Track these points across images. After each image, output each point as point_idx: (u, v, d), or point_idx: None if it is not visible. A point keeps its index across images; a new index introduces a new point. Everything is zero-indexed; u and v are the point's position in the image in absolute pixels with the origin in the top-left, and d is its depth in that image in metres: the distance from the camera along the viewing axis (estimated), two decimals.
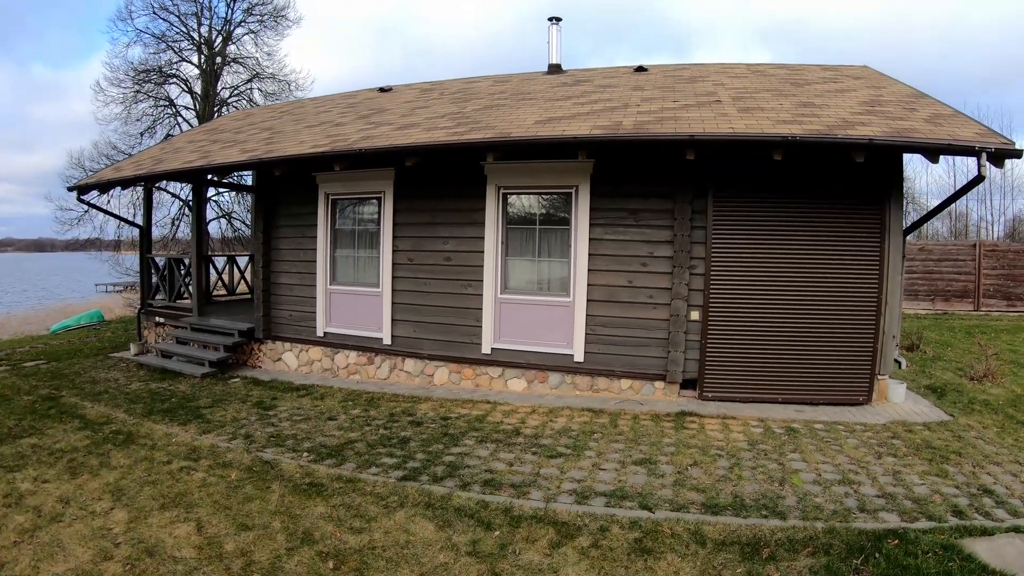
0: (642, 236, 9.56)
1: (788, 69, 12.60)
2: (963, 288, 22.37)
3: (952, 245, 23.79)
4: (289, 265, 12.42)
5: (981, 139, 7.67)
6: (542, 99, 11.30)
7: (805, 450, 7.25)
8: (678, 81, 11.65)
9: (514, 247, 10.41)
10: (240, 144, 13.05)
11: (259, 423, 8.62)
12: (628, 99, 10.42)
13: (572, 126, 9.14)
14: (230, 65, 31.30)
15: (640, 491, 6.12)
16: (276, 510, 5.82)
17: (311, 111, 15.00)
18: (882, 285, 9.09)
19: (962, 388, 10.34)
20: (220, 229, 31.40)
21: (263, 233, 12.64)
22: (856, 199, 9.11)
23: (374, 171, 10.97)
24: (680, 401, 9.36)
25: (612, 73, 13.29)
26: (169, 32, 30.01)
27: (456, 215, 10.56)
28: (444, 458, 7.10)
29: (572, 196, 9.89)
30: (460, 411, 9.06)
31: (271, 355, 12.59)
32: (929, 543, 4.97)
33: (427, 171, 10.47)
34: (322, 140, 11.17)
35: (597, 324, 9.79)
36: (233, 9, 30.79)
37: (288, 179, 11.76)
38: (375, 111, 12.87)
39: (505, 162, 9.89)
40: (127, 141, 29.20)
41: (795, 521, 5.45)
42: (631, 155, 9.49)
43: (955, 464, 6.83)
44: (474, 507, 5.81)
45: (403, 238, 11.01)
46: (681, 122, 8.84)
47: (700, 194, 9.30)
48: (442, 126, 10.40)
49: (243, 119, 17.37)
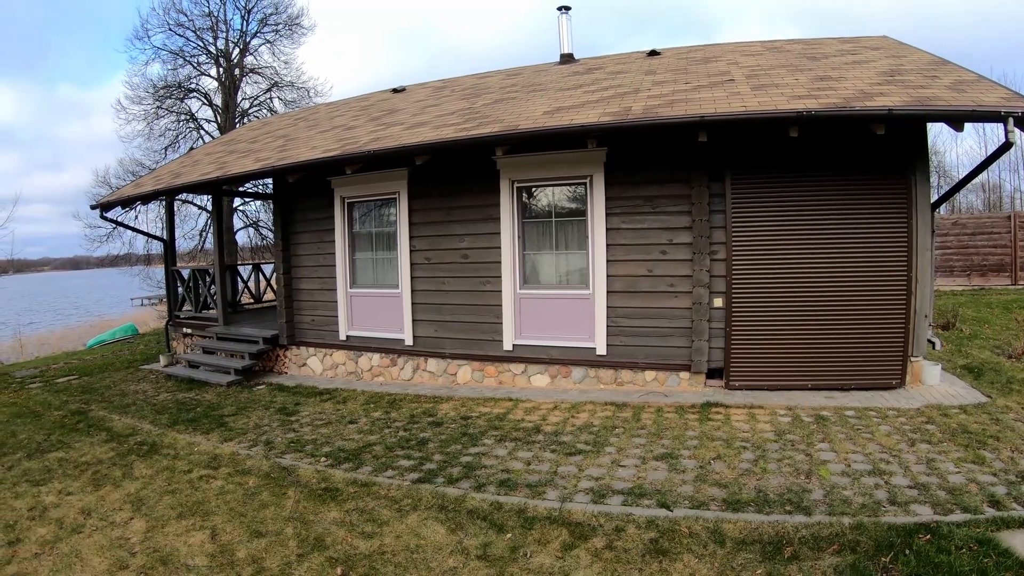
0: (660, 223, 9.35)
1: (804, 44, 12.27)
2: (999, 262, 21.76)
3: (986, 218, 23.17)
4: (309, 270, 12.44)
5: (1007, 103, 7.30)
6: (553, 90, 11.13)
7: (834, 439, 6.98)
8: (691, 63, 11.38)
9: (531, 241, 10.28)
10: (255, 153, 13.09)
11: (280, 429, 8.63)
12: (639, 84, 10.21)
13: (581, 115, 8.95)
14: (248, 76, 31.58)
15: (659, 488, 5.93)
16: (290, 516, 5.80)
17: (325, 116, 15.02)
18: (911, 262, 8.75)
19: (1000, 367, 9.96)
20: (248, 238, 31.71)
21: (282, 240, 12.69)
22: (880, 174, 8.77)
23: (387, 172, 10.91)
24: (706, 391, 9.14)
25: (624, 59, 13.07)
26: (186, 48, 30.34)
27: (471, 212, 10.46)
28: (461, 459, 7.01)
29: (587, 186, 9.72)
30: (481, 410, 8.95)
31: (296, 361, 12.61)
32: (963, 538, 4.70)
33: (440, 169, 10.41)
34: (333, 144, 11.14)
35: (618, 316, 9.61)
36: (248, 21, 31.01)
37: (303, 185, 11.79)
38: (387, 112, 12.81)
39: (517, 155, 9.72)
40: (151, 157, 29.64)
41: (821, 517, 5.19)
42: (644, 141, 9.27)
43: (992, 449, 6.51)
44: (487, 509, 5.70)
45: (420, 238, 10.94)
46: (692, 104, 8.60)
47: (717, 177, 9.06)
48: (451, 123, 10.28)
49: (260, 128, 17.47)
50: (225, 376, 11.82)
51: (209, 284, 14.71)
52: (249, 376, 12.11)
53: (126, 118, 29.71)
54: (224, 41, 30.95)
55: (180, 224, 28.61)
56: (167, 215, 16.42)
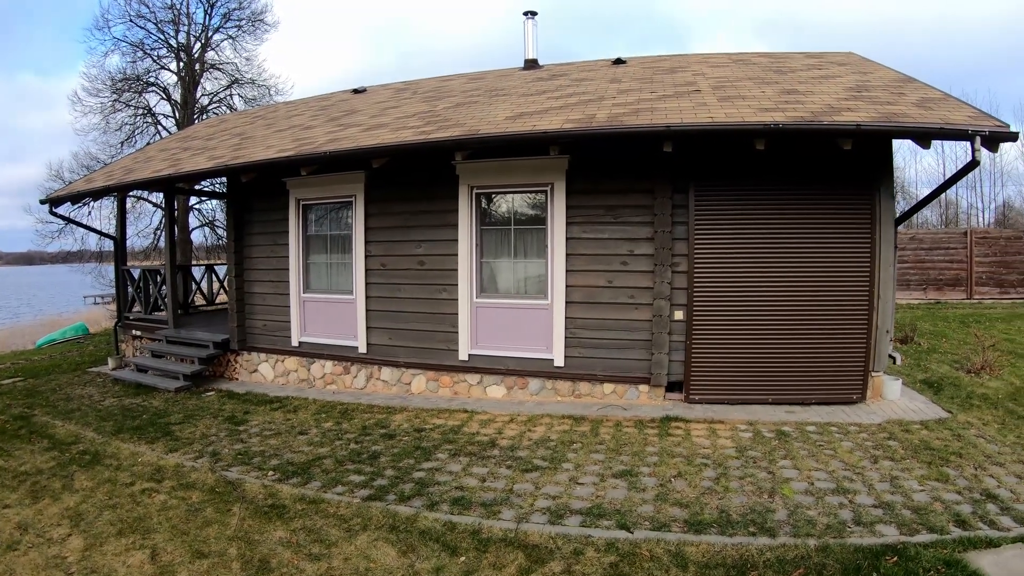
0: (622, 234, 9.19)
1: (771, 57, 12.28)
2: (955, 276, 22.18)
3: (943, 233, 23.62)
4: (262, 273, 12.06)
5: (974, 122, 7.37)
6: (516, 95, 10.94)
7: (797, 456, 6.88)
8: (657, 72, 11.29)
9: (489, 249, 10.06)
10: (210, 151, 12.71)
11: (228, 439, 8.28)
12: (604, 92, 10.07)
13: (544, 121, 8.77)
14: (209, 71, 30.89)
15: (619, 508, 5.73)
16: (234, 535, 5.48)
17: (283, 115, 14.67)
18: (874, 278, 8.77)
19: (959, 382, 10.02)
20: (204, 237, 31.06)
21: (235, 241, 12.28)
22: (845, 189, 8.77)
23: (344, 174, 10.61)
24: (665, 405, 8.99)
25: (589, 67, 12.94)
26: (147, 40, 29.52)
27: (429, 217, 10.19)
28: (414, 474, 6.73)
29: (548, 194, 9.52)
30: (436, 421, 8.69)
31: (247, 367, 12.21)
32: (930, 559, 4.60)
33: (398, 172, 10.13)
34: (289, 145, 10.83)
35: (577, 327, 9.42)
36: (211, 15, 30.31)
37: (258, 185, 11.41)
38: (346, 113, 12.51)
39: (477, 161, 9.51)
40: (107, 151, 28.74)
41: (785, 539, 5.05)
42: (607, 149, 9.11)
43: (956, 466, 6.47)
44: (440, 529, 5.44)
45: (376, 243, 10.64)
46: (658, 113, 8.49)
47: (681, 188, 8.93)
48: (411, 125, 10.03)
49: (217, 125, 17.05)
50: (174, 381, 11.39)
51: (160, 285, 14.25)
52: (199, 382, 11.69)
53: (82, 110, 28.91)
54: (185, 35, 30.24)
55: (134, 222, 27.94)
56: (118, 212, 15.90)
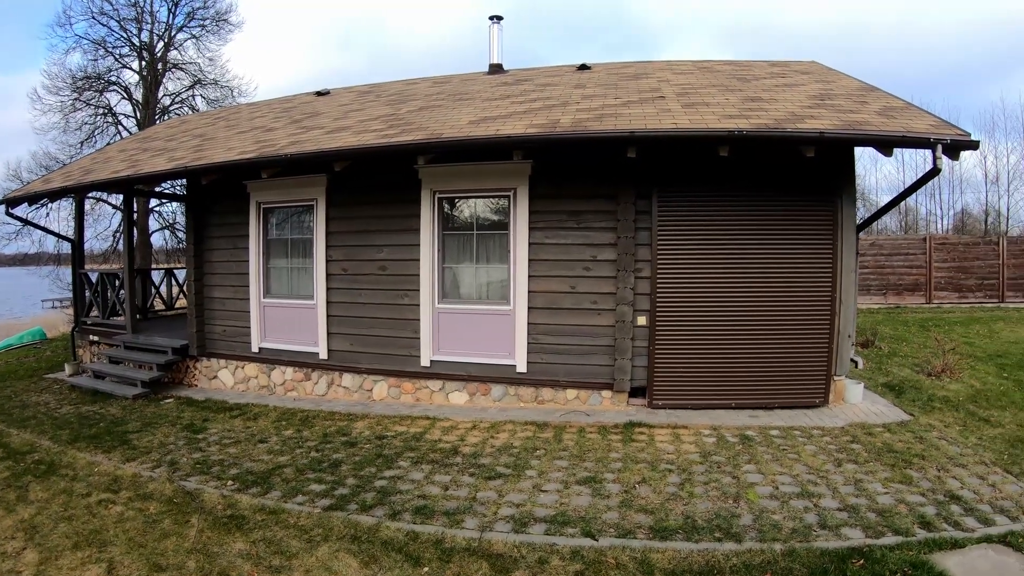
0: (584, 239, 9.18)
1: (735, 65, 12.38)
2: (915, 282, 22.57)
3: (903, 239, 24.03)
4: (222, 278, 11.81)
5: (936, 131, 7.50)
6: (480, 99, 10.87)
7: (761, 460, 6.92)
8: (621, 78, 11.30)
9: (451, 254, 9.96)
10: (170, 152, 12.45)
11: (186, 448, 8.06)
12: (569, 97, 10.05)
13: (507, 125, 8.72)
14: (171, 71, 30.36)
15: (584, 515, 5.69)
16: (193, 548, 5.34)
17: (245, 117, 14.43)
18: (836, 283, 8.89)
19: (920, 385, 10.18)
20: (164, 240, 30.57)
21: (195, 245, 12.00)
22: (808, 196, 8.89)
23: (305, 178, 10.45)
24: (629, 410, 8.97)
25: (554, 72, 12.92)
26: (109, 38, 28.97)
27: (391, 222, 10.07)
28: (376, 483, 6.63)
29: (511, 199, 9.47)
30: (397, 428, 8.57)
31: (207, 373, 11.96)
32: (897, 561, 4.65)
33: (360, 176, 9.99)
34: (251, 146, 10.62)
35: (539, 332, 9.38)
36: (175, 13, 29.84)
37: (218, 188, 11.17)
38: (309, 115, 12.33)
39: (439, 165, 9.41)
40: (66, 151, 28.08)
41: (751, 544, 5.07)
42: (571, 155, 9.10)
43: (919, 469, 6.58)
44: (403, 539, 5.34)
45: (337, 247, 10.49)
46: (622, 119, 8.48)
47: (644, 194, 8.95)
48: (374, 129, 9.91)
49: (178, 126, 16.73)
50: (132, 388, 11.09)
51: (118, 289, 13.93)
52: (157, 389, 11.39)
53: (42, 109, 28.30)
54: (148, 33, 29.70)
55: (93, 224, 27.38)
56: (76, 214, 15.52)
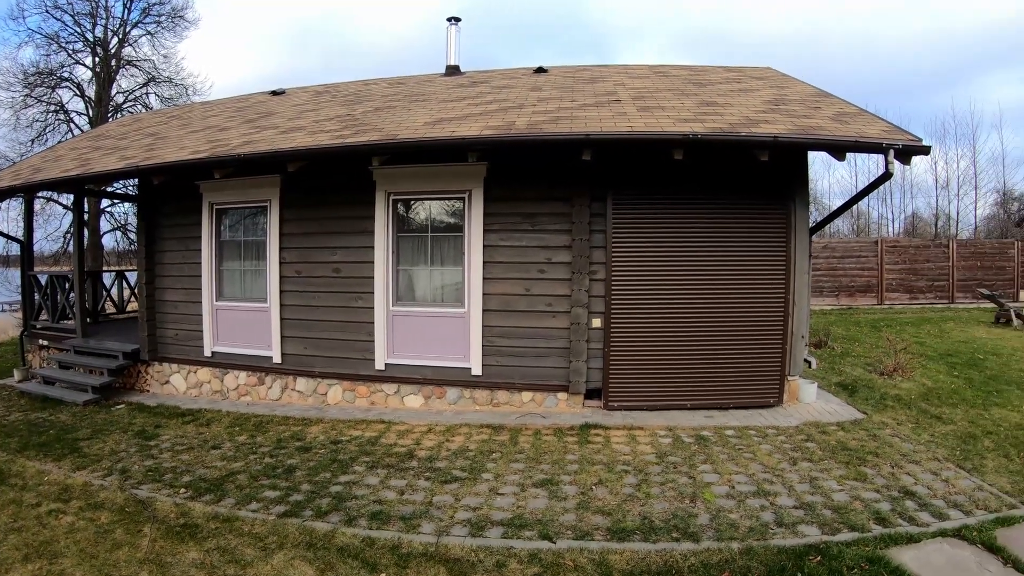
0: (539, 242, 9.19)
1: (691, 70, 12.51)
2: (866, 283, 23.06)
3: (855, 242, 24.57)
4: (174, 280, 11.54)
5: (888, 136, 7.66)
6: (436, 100, 10.82)
7: (717, 460, 6.99)
8: (578, 82, 11.35)
9: (406, 256, 9.90)
10: (121, 151, 12.15)
11: (138, 455, 7.86)
12: (525, 99, 10.06)
13: (463, 127, 8.68)
14: (125, 68, 29.67)
15: (540, 518, 5.68)
16: (146, 558, 5.20)
17: (199, 116, 14.18)
18: (789, 285, 9.04)
19: (873, 384, 10.39)
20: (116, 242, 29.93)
21: (146, 246, 11.73)
22: (761, 199, 9.02)
23: (259, 178, 10.27)
24: (584, 412, 8.99)
25: (511, 74, 12.93)
26: (63, 33, 28.26)
27: (345, 223, 9.96)
28: (331, 488, 6.53)
29: (466, 201, 9.44)
30: (352, 433, 8.47)
31: (159, 378, 11.70)
32: (853, 557, 4.74)
33: (314, 177, 9.88)
34: (203, 146, 10.41)
35: (494, 335, 9.36)
36: (130, 9, 29.19)
37: (171, 188, 10.94)
38: (263, 115, 12.15)
39: (394, 167, 9.34)
40: (16, 149, 27.27)
41: (709, 543, 5.11)
42: (526, 157, 9.11)
43: (873, 466, 6.73)
44: (359, 546, 5.28)
45: (291, 249, 10.34)
46: (577, 121, 8.50)
47: (599, 197, 8.99)
48: (328, 129, 9.79)
49: (131, 124, 16.37)
50: (82, 394, 10.77)
51: (68, 291, 13.61)
52: (108, 394, 11.09)
53: None
54: (103, 29, 28.94)
55: (43, 224, 26.61)
56: (25, 214, 15.10)
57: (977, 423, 8.34)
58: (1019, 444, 7.47)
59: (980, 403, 9.33)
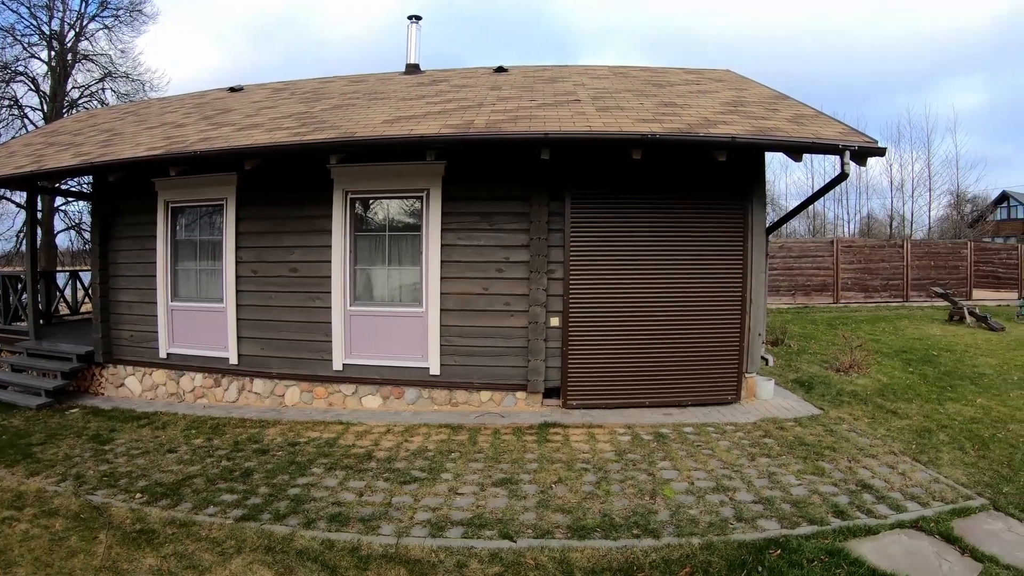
0: (497, 241, 9.18)
1: (650, 72, 12.63)
2: (822, 282, 23.42)
3: (811, 242, 24.95)
4: (129, 280, 11.29)
5: (844, 138, 7.80)
6: (395, 99, 10.77)
7: (676, 457, 7.05)
8: (538, 81, 11.39)
9: (364, 256, 9.82)
10: (76, 147, 11.89)
11: (93, 460, 7.67)
12: (484, 98, 10.05)
13: (421, 125, 8.65)
14: (82, 62, 29.07)
15: (501, 517, 5.67)
16: (102, 565, 5.09)
17: (156, 112, 13.93)
18: (746, 284, 9.15)
19: (829, 380, 10.55)
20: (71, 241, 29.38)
21: (100, 245, 11.46)
22: (719, 199, 9.11)
23: (215, 176, 10.11)
24: (543, 411, 9.01)
25: (471, 74, 12.91)
26: (18, 25, 27.58)
27: (302, 222, 9.85)
28: (289, 491, 6.45)
29: (424, 200, 9.40)
30: (310, 434, 8.37)
31: (114, 381, 11.44)
32: (813, 550, 4.81)
33: (271, 175, 9.74)
34: (159, 143, 10.22)
35: (452, 334, 9.33)
36: (88, 2, 28.66)
37: (126, 185, 10.69)
38: (220, 112, 11.97)
39: (353, 165, 9.28)
40: None
41: (669, 539, 5.14)
42: (485, 156, 9.10)
43: (830, 460, 6.84)
44: (318, 548, 5.22)
45: (247, 248, 10.18)
46: (536, 121, 8.53)
47: (557, 196, 9.02)
48: (286, 126, 9.68)
49: (86, 120, 16.03)
50: (35, 398, 10.48)
51: (21, 292, 13.31)
52: (62, 398, 10.80)
53: None
54: (60, 22, 28.38)
55: None
56: None
57: (932, 417, 8.52)
58: (973, 437, 7.66)
59: (935, 398, 9.55)
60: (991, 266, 27.60)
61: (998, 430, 7.96)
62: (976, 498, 5.86)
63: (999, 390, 10.01)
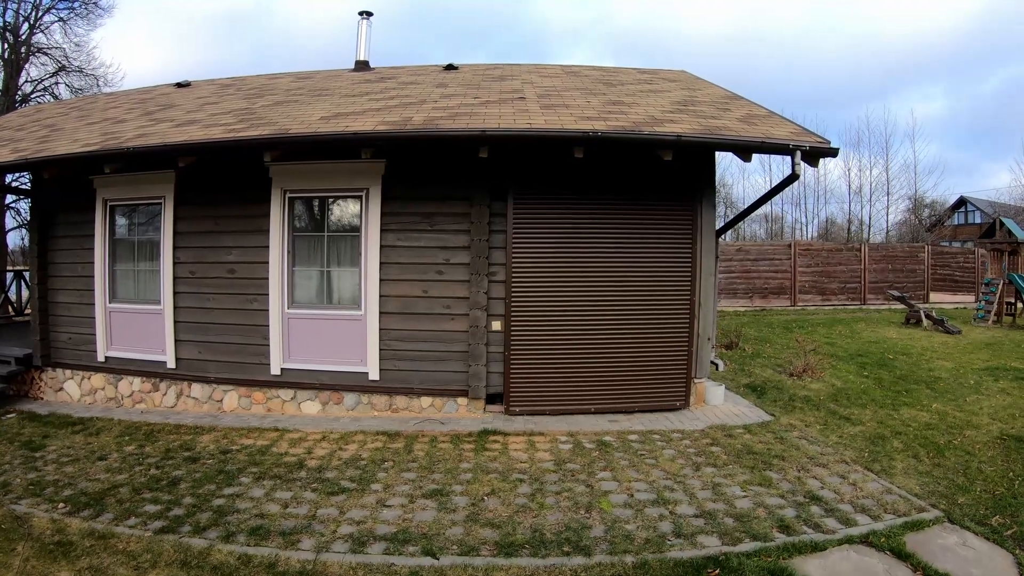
0: (438, 242, 9.00)
1: (604, 71, 12.54)
2: (780, 285, 23.55)
3: (769, 245, 25.07)
4: (66, 281, 10.94)
5: (796, 138, 7.73)
6: (338, 95, 10.54)
7: (617, 467, 6.88)
8: (486, 79, 11.24)
9: (302, 257, 9.59)
10: (16, 143, 11.50)
11: (22, 467, 7.37)
12: (428, 96, 9.88)
13: (358, 122, 8.44)
14: (35, 55, 28.30)
15: (426, 531, 5.47)
16: None
17: (100, 107, 13.56)
18: (695, 286, 9.05)
19: (782, 385, 10.48)
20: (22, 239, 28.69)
21: (38, 244, 11.08)
22: (667, 200, 9.01)
23: (153, 174, 9.81)
24: (485, 418, 8.84)
25: (420, 71, 12.72)
26: None
27: (240, 222, 9.59)
28: (213, 502, 6.21)
29: (363, 200, 9.19)
30: (244, 442, 8.12)
31: (52, 385, 11.06)
32: (755, 569, 4.62)
33: (210, 173, 9.46)
34: (96, 138, 9.89)
35: (392, 339, 9.13)
36: None
37: (64, 183, 10.36)
38: (163, 107, 11.64)
39: (291, 163, 9.05)
40: None
41: (601, 557, 4.95)
42: (425, 155, 8.93)
43: (779, 470, 6.69)
44: (235, 564, 4.99)
45: (185, 248, 9.89)
46: (476, 118, 8.38)
47: (499, 196, 8.86)
48: (223, 123, 9.41)
49: (31, 115, 15.60)
50: None
51: None
52: (1, 402, 10.50)
53: None
54: (13, 14, 27.37)
55: None
56: None
57: (886, 423, 8.46)
58: (928, 444, 7.58)
59: (889, 403, 9.49)
60: (948, 269, 27.99)
61: (954, 436, 7.91)
62: (930, 510, 5.74)
63: (955, 394, 9.99)
